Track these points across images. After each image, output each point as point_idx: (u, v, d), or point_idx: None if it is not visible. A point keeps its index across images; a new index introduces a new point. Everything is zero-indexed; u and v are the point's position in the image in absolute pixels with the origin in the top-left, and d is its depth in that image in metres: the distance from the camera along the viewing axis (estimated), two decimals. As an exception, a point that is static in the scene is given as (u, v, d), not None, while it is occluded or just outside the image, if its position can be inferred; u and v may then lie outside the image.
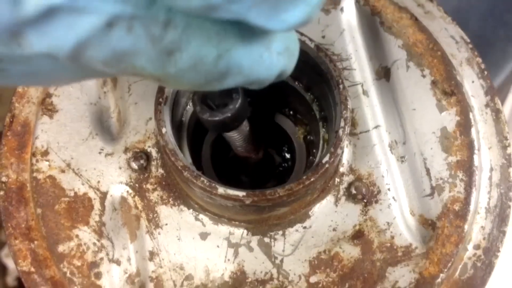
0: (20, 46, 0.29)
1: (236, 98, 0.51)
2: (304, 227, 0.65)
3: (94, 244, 0.63)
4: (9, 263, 1.91)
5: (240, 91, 0.52)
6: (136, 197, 0.65)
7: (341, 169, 0.67)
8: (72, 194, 0.65)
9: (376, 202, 0.66)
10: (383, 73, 0.71)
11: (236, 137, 0.62)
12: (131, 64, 0.31)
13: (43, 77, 0.35)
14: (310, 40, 0.61)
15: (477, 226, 0.67)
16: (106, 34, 0.28)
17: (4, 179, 0.66)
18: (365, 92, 0.70)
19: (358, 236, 0.65)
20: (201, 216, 0.65)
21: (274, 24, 0.32)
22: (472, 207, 0.66)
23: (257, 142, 0.67)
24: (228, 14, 0.30)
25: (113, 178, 0.66)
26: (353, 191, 0.66)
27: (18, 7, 0.27)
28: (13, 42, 0.29)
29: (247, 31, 0.34)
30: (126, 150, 0.66)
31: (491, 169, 0.69)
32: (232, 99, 0.51)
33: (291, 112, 0.75)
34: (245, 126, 0.61)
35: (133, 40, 0.29)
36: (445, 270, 0.64)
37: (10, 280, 1.91)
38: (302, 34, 0.61)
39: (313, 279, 0.63)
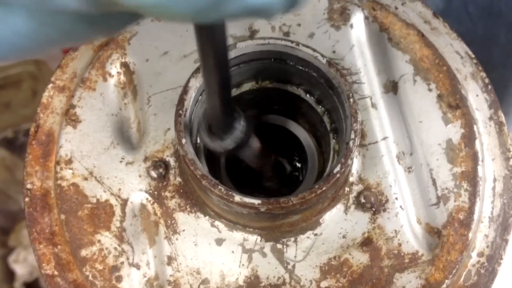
0: None
1: (238, 125, 0.55)
2: (315, 234, 0.68)
3: (115, 248, 0.67)
4: (17, 268, 1.94)
5: (242, 116, 0.55)
6: (155, 204, 0.68)
7: (351, 179, 0.70)
8: (94, 201, 0.68)
9: (384, 210, 0.69)
10: (391, 87, 0.74)
11: (247, 154, 0.65)
12: None
13: None
14: (322, 56, 0.64)
15: (481, 235, 0.70)
16: None
17: (29, 186, 0.70)
18: (373, 105, 0.73)
19: (367, 243, 0.67)
20: (217, 222, 0.68)
21: None
22: (476, 216, 0.68)
23: (267, 155, 0.70)
24: None
25: (133, 186, 0.69)
26: (362, 200, 0.69)
27: None
28: None
29: None
30: (145, 159, 0.70)
31: (495, 180, 0.72)
32: (236, 124, 0.55)
33: (304, 123, 0.78)
34: (255, 143, 0.65)
35: None
36: (450, 276, 0.66)
37: (18, 285, 1.93)
38: (314, 50, 0.64)
39: (323, 284, 0.66)
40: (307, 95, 0.72)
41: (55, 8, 0.30)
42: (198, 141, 0.70)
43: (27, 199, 0.69)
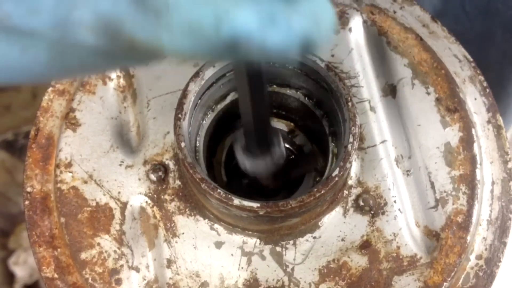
0: None
1: (274, 147, 0.56)
2: (314, 237, 0.68)
3: (115, 251, 0.67)
4: (17, 270, 1.94)
5: (280, 138, 0.56)
6: (155, 207, 0.68)
7: (350, 182, 0.70)
8: (94, 204, 0.68)
9: (383, 213, 0.69)
10: (390, 91, 0.74)
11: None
12: (119, 29, 0.29)
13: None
14: (321, 59, 0.64)
15: (479, 237, 0.70)
16: None
17: (29, 189, 0.70)
18: (372, 109, 0.73)
19: (365, 246, 0.68)
20: (216, 225, 0.68)
21: None
22: (474, 219, 0.69)
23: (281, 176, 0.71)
24: None
25: (132, 189, 0.69)
26: (361, 203, 0.69)
27: None
28: None
29: None
30: (145, 162, 0.70)
31: (493, 183, 0.72)
32: (271, 146, 0.56)
33: (303, 126, 0.79)
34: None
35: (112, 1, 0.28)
36: (449, 279, 0.67)
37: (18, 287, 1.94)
38: (313, 54, 0.65)
39: (322, 287, 0.66)
40: (306, 99, 0.72)
41: (75, 42, 0.31)
42: (197, 144, 0.70)
43: (27, 202, 0.69)
